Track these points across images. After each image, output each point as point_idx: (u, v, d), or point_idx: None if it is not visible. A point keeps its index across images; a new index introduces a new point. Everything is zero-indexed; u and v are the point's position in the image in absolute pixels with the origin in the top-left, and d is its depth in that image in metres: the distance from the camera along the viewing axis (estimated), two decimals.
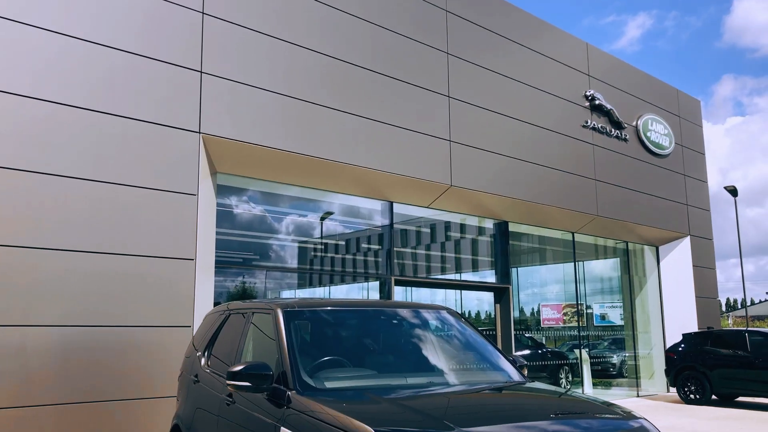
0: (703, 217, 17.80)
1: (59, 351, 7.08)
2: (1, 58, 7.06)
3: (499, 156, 12.28)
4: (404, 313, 5.04)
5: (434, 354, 4.80)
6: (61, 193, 7.27)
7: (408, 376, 4.45)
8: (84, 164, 7.45)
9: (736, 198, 27.62)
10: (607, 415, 3.63)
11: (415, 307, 5.24)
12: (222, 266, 9.24)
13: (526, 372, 4.83)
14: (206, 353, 5.56)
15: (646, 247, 17.41)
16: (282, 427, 3.73)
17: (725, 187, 27.28)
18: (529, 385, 4.47)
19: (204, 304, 8.18)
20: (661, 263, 17.34)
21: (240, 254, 10.43)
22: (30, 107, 7.16)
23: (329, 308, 4.90)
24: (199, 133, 8.37)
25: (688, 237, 17.03)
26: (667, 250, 17.27)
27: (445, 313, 5.19)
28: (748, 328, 14.49)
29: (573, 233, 15.17)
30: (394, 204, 11.64)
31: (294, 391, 3.84)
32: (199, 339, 5.98)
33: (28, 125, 7.15)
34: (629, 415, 3.68)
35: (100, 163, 7.57)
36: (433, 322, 5.11)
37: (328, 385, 4.01)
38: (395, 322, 4.92)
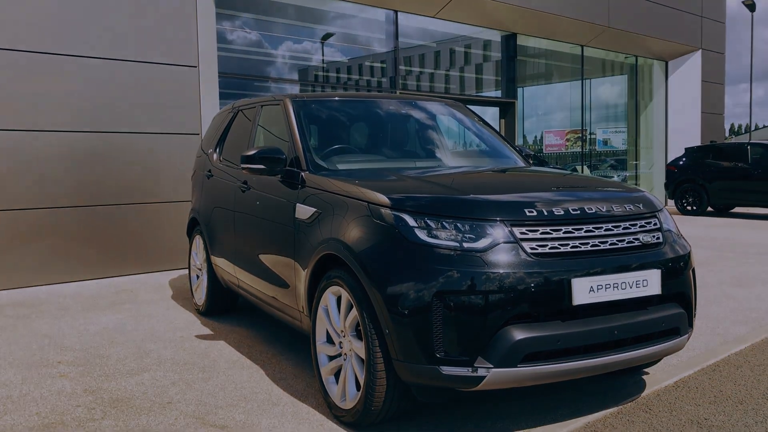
0: (717, 29, 17.18)
1: (70, 156, 7.22)
2: None
3: None
4: (412, 104, 5.06)
5: (442, 141, 4.88)
6: None
7: (417, 161, 4.57)
8: None
9: (754, 13, 26.52)
10: (609, 187, 3.77)
11: (423, 99, 5.27)
12: (225, 77, 9.12)
13: (531, 161, 4.94)
14: (218, 149, 5.65)
15: (655, 62, 17.01)
16: (298, 204, 3.87)
17: (743, 1, 26.08)
18: (534, 167, 4.59)
19: (210, 113, 8.18)
20: (669, 79, 17.05)
21: (241, 73, 10.26)
22: None
23: (337, 99, 4.91)
24: None
25: (699, 51, 16.57)
26: (676, 65, 16.90)
27: (452, 105, 5.21)
28: (750, 141, 14.55)
29: (582, 47, 14.76)
30: (399, 13, 11.21)
31: (307, 172, 3.95)
32: (208, 139, 6.05)
33: None
34: (632, 188, 3.82)
35: None
36: (442, 114, 5.14)
37: (340, 166, 4.12)
38: (403, 112, 4.94)
